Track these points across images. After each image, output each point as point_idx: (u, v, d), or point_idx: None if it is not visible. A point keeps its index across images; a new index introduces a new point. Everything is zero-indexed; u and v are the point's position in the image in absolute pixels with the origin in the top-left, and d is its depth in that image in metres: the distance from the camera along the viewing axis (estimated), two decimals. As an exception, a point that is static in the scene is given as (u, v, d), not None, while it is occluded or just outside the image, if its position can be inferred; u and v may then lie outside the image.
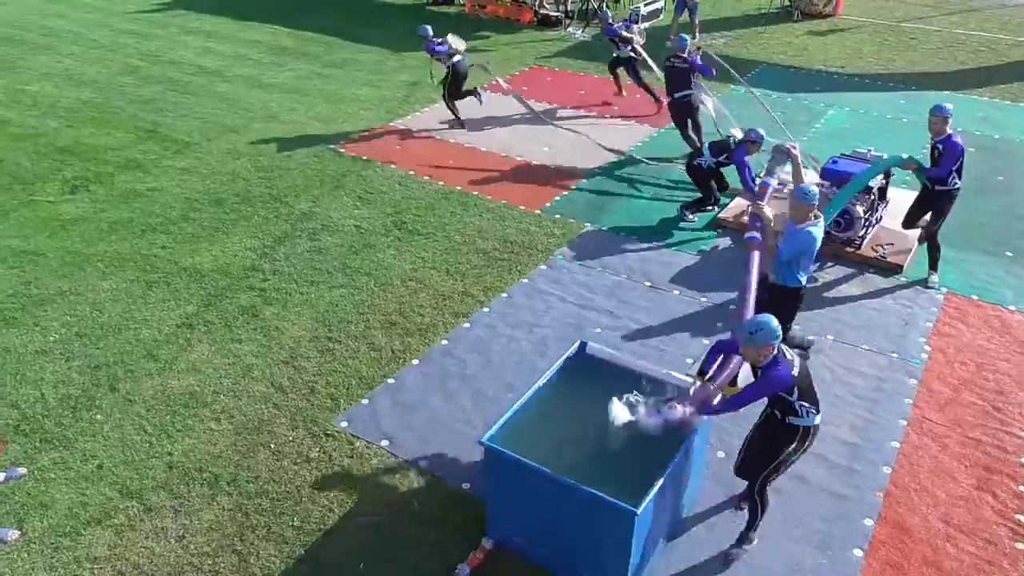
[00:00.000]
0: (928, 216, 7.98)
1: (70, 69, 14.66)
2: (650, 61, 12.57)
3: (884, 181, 8.64)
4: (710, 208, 9.41)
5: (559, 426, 5.17)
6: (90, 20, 17.98)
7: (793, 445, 4.87)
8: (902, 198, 9.40)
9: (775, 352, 4.60)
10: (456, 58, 11.60)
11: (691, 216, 9.35)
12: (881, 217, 8.80)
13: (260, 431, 6.26)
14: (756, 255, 6.66)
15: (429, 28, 11.68)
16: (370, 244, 8.85)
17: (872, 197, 8.37)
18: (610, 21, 12.62)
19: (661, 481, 4.56)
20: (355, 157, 11.04)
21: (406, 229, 9.15)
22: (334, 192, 10.02)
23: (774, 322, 4.57)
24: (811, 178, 8.76)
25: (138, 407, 6.48)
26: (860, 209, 8.15)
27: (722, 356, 5.21)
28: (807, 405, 4.76)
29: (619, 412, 4.92)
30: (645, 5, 17.78)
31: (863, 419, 6.36)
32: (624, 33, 12.44)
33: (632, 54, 12.48)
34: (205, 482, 5.79)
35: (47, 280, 8.16)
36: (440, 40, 11.63)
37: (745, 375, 5.03)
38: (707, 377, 5.14)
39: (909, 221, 8.17)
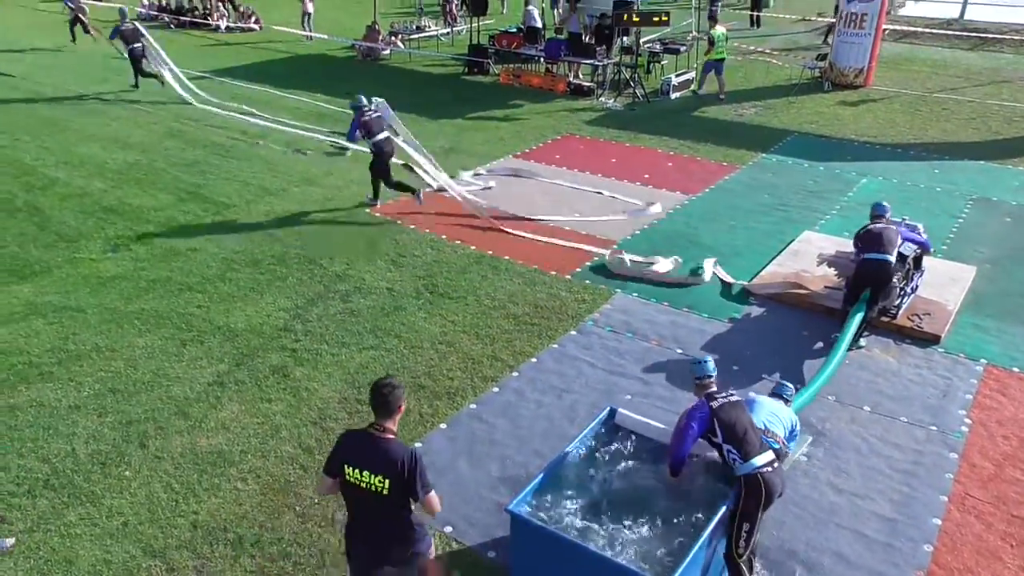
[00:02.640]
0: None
1: (117, 132, 15.19)
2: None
3: (919, 251, 8.55)
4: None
5: (587, 494, 5.08)
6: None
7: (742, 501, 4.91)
8: (940, 267, 9.30)
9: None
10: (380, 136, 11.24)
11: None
12: (917, 286, 8.68)
13: (286, 492, 6.23)
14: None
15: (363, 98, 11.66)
16: (401, 307, 8.91)
17: (908, 267, 8.29)
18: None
19: (692, 555, 4.44)
20: (390, 220, 11.21)
21: (437, 292, 9.22)
22: (368, 255, 10.15)
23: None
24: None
25: (166, 464, 6.50)
26: (896, 279, 8.06)
27: None
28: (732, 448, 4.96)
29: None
30: (676, 76, 18.18)
31: (901, 494, 6.17)
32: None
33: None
34: (229, 543, 5.74)
35: (85, 336, 8.31)
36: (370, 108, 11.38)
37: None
38: None
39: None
